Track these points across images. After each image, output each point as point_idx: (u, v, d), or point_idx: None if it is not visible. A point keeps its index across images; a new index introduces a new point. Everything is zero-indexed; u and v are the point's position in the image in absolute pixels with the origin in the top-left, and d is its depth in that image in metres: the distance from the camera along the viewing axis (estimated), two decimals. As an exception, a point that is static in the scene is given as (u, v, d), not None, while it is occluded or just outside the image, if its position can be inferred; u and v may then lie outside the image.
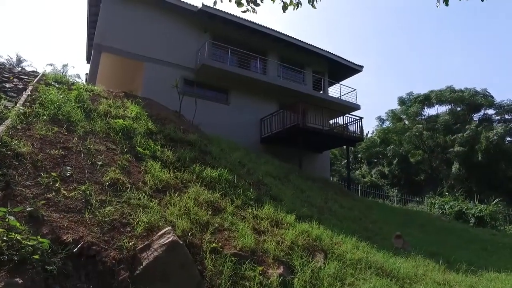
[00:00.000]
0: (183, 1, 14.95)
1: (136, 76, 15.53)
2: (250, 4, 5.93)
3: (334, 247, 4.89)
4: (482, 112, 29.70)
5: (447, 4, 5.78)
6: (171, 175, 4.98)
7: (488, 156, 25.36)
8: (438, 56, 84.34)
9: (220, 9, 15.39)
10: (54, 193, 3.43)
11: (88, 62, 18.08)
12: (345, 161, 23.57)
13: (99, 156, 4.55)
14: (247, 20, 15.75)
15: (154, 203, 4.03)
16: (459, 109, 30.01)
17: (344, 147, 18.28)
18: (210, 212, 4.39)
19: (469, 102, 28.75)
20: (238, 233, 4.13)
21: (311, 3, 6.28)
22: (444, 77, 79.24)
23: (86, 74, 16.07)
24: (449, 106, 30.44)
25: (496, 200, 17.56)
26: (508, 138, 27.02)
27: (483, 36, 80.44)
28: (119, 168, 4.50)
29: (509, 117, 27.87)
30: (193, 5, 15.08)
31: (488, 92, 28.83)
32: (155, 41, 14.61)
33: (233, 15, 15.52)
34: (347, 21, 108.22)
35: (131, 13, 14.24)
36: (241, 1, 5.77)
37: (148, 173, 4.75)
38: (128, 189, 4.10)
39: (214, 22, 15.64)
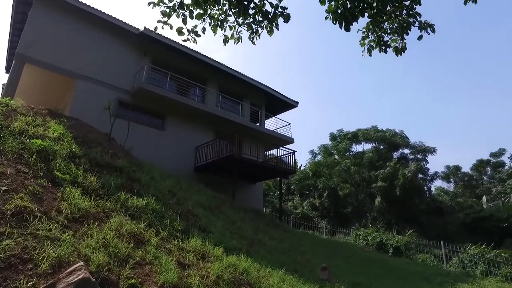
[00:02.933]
0: (125, 22, 14.63)
1: (65, 93, 14.51)
2: (191, 34, 6.04)
3: (261, 281, 4.86)
4: (400, 151, 32.92)
5: (370, 55, 6.51)
6: (92, 203, 4.61)
7: (404, 191, 27.93)
8: (370, 96, 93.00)
9: (162, 35, 15.35)
10: None
11: (7, 72, 16.48)
12: (278, 192, 24.10)
13: (4, 180, 4.04)
14: (189, 48, 15.88)
15: (68, 235, 3.61)
16: (382, 147, 32.89)
17: (278, 178, 18.78)
18: (132, 245, 4.11)
19: (390, 141, 31.76)
20: (161, 267, 3.90)
21: (251, 40, 6.61)
22: (374, 116, 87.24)
23: (3, 84, 14.53)
24: (374, 144, 33.26)
25: (410, 231, 19.21)
26: (420, 175, 30.25)
27: (410, 81, 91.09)
28: (29, 194, 4.02)
29: (421, 157, 31.27)
30: (134, 27, 14.83)
31: (405, 134, 32.26)
32: (90, 58, 13.89)
33: (175, 41, 15.56)
34: (295, 58, 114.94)
35: (66, 27, 13.46)
36: (182, 30, 5.85)
37: (65, 200, 4.32)
38: (37, 219, 3.64)
39: (155, 46, 15.49)
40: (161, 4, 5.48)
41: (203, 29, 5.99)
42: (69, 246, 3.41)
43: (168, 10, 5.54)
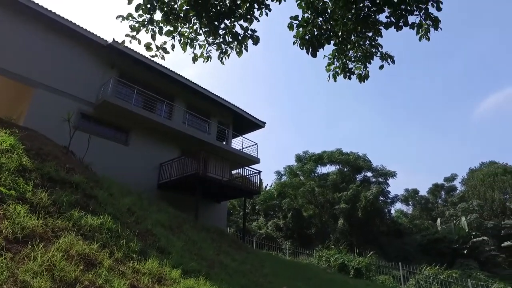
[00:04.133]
0: (92, 33, 14.26)
1: (21, 102, 13.73)
2: (160, 50, 5.98)
3: (219, 305, 4.70)
4: (363, 174, 34.00)
5: (335, 80, 6.75)
6: (40, 222, 4.26)
7: (366, 213, 28.70)
8: (336, 118, 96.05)
9: (131, 48, 15.10)
10: None
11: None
12: (243, 212, 23.87)
13: None
14: (158, 63, 15.73)
15: (4, 258, 3.25)
16: (346, 169, 33.79)
17: (243, 198, 18.65)
18: (81, 267, 3.82)
19: (353, 164, 32.75)
20: (112, 292, 3.66)
21: (220, 59, 6.64)
22: (340, 138, 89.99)
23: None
24: (338, 167, 34.13)
25: (371, 252, 19.63)
26: (381, 198, 31.32)
27: (374, 105, 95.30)
28: (-35, 212, 3.66)
29: (382, 180, 32.45)
30: (102, 38, 14.48)
31: (367, 157, 33.47)
32: (51, 67, 13.30)
33: (144, 55, 15.36)
34: (265, 78, 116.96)
35: (27, 33, 12.87)
36: (151, 46, 5.78)
37: (7, 219, 3.97)
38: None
39: (123, 59, 15.18)
40: (130, 18, 5.41)
41: (173, 46, 5.96)
42: (4, 272, 3.07)
43: (137, 25, 5.48)
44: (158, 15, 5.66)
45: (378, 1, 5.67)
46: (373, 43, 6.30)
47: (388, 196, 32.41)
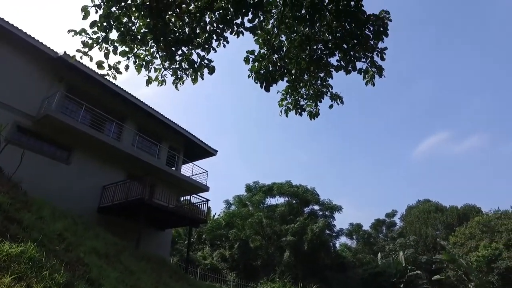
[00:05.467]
0: (42, 43, 13.48)
1: None
2: (112, 70, 5.78)
3: None
4: (310, 206, 34.69)
5: (287, 116, 6.96)
6: None
7: (312, 246, 29.03)
8: (289, 150, 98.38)
9: (83, 63, 14.45)
10: None
11: None
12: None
13: None
14: (110, 81, 15.18)
15: None
16: (294, 202, 34.28)
17: (188, 226, 18.02)
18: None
19: (302, 197, 33.37)
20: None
21: (174, 85, 6.58)
22: (291, 169, 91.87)
23: None
24: (287, 199, 34.54)
25: (315, 286, 19.67)
26: (327, 231, 32.03)
27: (324, 139, 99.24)
28: None
29: (328, 214, 33.35)
30: (53, 50, 13.72)
31: (316, 191, 34.36)
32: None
33: (96, 72, 14.76)
34: (218, 106, 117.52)
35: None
36: (103, 64, 5.57)
37: None
38: None
39: (73, 73, 14.44)
40: (83, 34, 5.21)
41: (127, 67, 5.81)
42: None
43: (90, 42, 5.29)
44: (114, 34, 5.52)
45: (330, 45, 6.07)
46: (324, 83, 6.66)
47: (334, 229, 33.28)
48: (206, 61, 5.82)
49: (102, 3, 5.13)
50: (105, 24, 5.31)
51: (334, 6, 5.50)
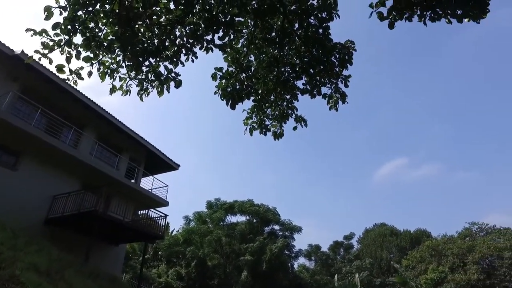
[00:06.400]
0: (-1, 40, 12.65)
1: None
2: (73, 75, 5.53)
3: None
4: (271, 226, 34.60)
5: (251, 134, 6.98)
6: None
7: (270, 266, 28.82)
8: (254, 169, 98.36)
9: (43, 65, 13.67)
10: None
11: None
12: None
13: None
14: (72, 86, 14.50)
15: None
16: (255, 221, 34.06)
17: (144, 242, 17.27)
18: None
19: (263, 216, 33.24)
20: None
21: (139, 96, 6.41)
22: (256, 187, 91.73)
23: None
24: (248, 217, 34.25)
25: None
26: (286, 252, 32.01)
27: (288, 161, 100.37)
28: None
29: (288, 234, 33.43)
30: (8, 48, 12.89)
31: (277, 211, 34.40)
32: None
33: (57, 75, 14.05)
34: (185, 118, 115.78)
35: None
36: (64, 69, 5.32)
37: None
38: None
39: (30, 74, 13.59)
40: (44, 35, 4.95)
41: (90, 73, 5.60)
42: None
43: (51, 44, 5.03)
44: (78, 39, 5.31)
45: (297, 69, 6.24)
46: (289, 105, 6.79)
47: (293, 250, 33.34)
48: (173, 74, 5.74)
49: (67, 5, 4.93)
50: (69, 27, 5.09)
51: (303, 31, 5.70)
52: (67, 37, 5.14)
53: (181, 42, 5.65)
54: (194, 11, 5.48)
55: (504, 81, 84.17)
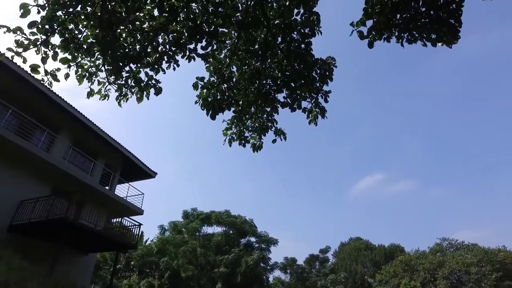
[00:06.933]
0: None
1: None
2: (49, 76, 5.35)
3: None
4: (247, 238, 34.35)
5: (230, 145, 6.94)
6: None
7: (245, 278, 28.50)
8: (236, 179, 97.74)
9: (16, 63, 13.15)
10: None
11: None
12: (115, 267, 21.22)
13: None
14: (47, 87, 14.03)
15: None
16: (231, 232, 33.72)
17: (116, 251, 16.67)
18: None
19: (239, 228, 32.97)
20: None
21: (117, 101, 6.27)
22: (236, 198, 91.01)
23: None
24: (224, 228, 33.87)
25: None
26: (262, 264, 31.75)
27: (269, 173, 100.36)
28: None
29: (265, 246, 33.24)
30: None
31: (253, 223, 34.26)
32: None
33: (32, 75, 13.54)
34: (167, 126, 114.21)
35: None
36: (38, 69, 5.14)
37: None
38: None
39: (2, 73, 13.03)
40: (18, 33, 4.78)
41: (67, 75, 5.43)
42: None
43: (26, 42, 4.86)
44: (56, 39, 5.16)
45: (278, 82, 6.29)
46: (270, 117, 6.82)
47: (269, 263, 33.14)
48: (153, 81, 5.66)
49: (46, 5, 4.80)
50: (47, 26, 4.94)
51: (286, 45, 5.77)
52: (44, 37, 5.00)
53: (164, 49, 5.60)
54: (178, 19, 5.46)
55: (476, 100, 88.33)
